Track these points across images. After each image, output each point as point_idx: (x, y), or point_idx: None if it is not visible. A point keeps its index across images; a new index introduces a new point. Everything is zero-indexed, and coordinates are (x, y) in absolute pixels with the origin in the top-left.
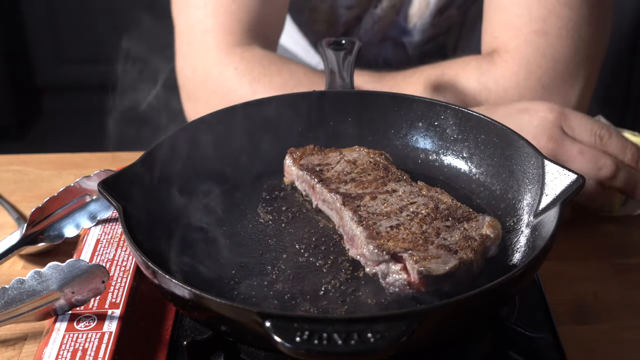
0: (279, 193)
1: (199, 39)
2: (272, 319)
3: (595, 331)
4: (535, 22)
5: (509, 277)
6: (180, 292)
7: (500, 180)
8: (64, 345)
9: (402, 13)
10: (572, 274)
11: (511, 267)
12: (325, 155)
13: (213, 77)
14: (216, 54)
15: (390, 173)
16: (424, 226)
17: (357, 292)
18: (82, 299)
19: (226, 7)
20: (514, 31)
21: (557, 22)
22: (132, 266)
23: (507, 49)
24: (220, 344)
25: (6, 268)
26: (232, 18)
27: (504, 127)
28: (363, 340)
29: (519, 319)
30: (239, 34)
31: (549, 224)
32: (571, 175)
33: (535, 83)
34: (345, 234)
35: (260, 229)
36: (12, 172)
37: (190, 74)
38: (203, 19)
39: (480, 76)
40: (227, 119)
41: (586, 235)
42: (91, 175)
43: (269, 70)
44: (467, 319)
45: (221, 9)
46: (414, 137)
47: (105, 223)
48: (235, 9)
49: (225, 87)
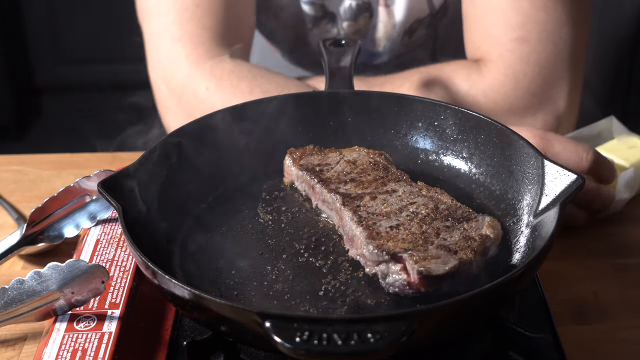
0: (279, 193)
1: (167, 49)
2: (272, 319)
3: (595, 331)
4: (513, 29)
5: (509, 277)
6: (180, 292)
7: (500, 180)
8: (63, 346)
9: (369, 37)
10: (572, 274)
11: (511, 267)
12: (325, 155)
13: (188, 94)
14: (187, 69)
15: (390, 173)
16: (424, 226)
17: (357, 292)
18: (82, 299)
19: (191, 13)
20: (494, 40)
21: (535, 27)
22: (132, 266)
23: (491, 59)
24: (220, 344)
25: (6, 268)
26: (198, 25)
27: (503, 127)
28: (363, 341)
29: (519, 319)
30: (208, 43)
31: (549, 224)
32: (571, 175)
33: (524, 92)
34: (345, 234)
35: (259, 229)
36: (12, 172)
37: (165, 89)
38: (169, 27)
39: (470, 88)
40: (227, 119)
41: (586, 235)
42: (91, 175)
43: (240, 89)
44: (467, 319)
45: (185, 15)
46: (414, 137)
47: (105, 223)
48: (200, 15)
49: (199, 109)
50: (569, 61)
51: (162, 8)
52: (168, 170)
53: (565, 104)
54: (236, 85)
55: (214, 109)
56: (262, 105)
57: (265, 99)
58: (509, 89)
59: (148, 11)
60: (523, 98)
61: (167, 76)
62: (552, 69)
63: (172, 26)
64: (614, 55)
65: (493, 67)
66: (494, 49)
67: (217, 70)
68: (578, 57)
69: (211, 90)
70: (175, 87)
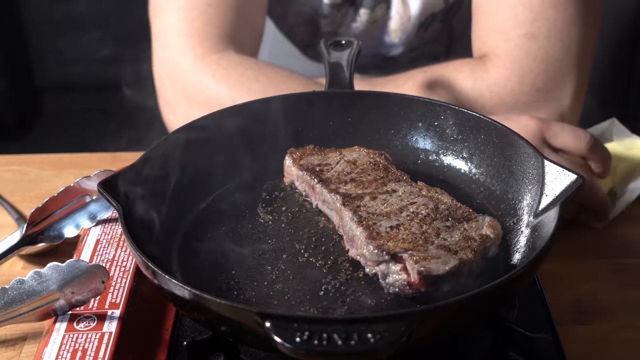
0: (279, 193)
1: (174, 44)
2: (272, 319)
3: (595, 331)
4: (523, 25)
5: (509, 277)
6: (180, 292)
7: (500, 181)
8: (64, 346)
9: (385, 29)
10: (572, 274)
11: (511, 267)
12: (325, 155)
13: (192, 83)
14: (192, 60)
15: (390, 173)
16: (424, 226)
17: (357, 292)
18: (82, 299)
19: (201, 11)
20: (503, 35)
21: (545, 25)
22: (132, 266)
23: (497, 54)
24: (220, 344)
25: (6, 268)
26: (207, 22)
27: (504, 127)
28: (363, 341)
29: (519, 319)
30: (215, 39)
31: (549, 224)
32: (571, 175)
33: (529, 87)
34: (345, 234)
35: (260, 229)
36: (12, 172)
37: (168, 82)
38: (177, 23)
39: (474, 84)
40: (227, 119)
41: (586, 235)
42: (91, 175)
43: (247, 76)
44: (467, 319)
45: (195, 13)
46: (414, 137)
47: (105, 223)
48: (210, 13)
49: (204, 94)
50: (576, 60)
51: (173, 4)
52: (168, 170)
53: (570, 102)
54: (243, 73)
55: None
56: (263, 105)
57: (265, 99)
58: (514, 84)
59: (159, 7)
60: (528, 93)
61: (172, 68)
62: (558, 66)
63: (181, 22)
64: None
65: (499, 61)
66: (501, 44)
67: (223, 60)
68: (585, 56)
69: (217, 77)
70: (179, 77)
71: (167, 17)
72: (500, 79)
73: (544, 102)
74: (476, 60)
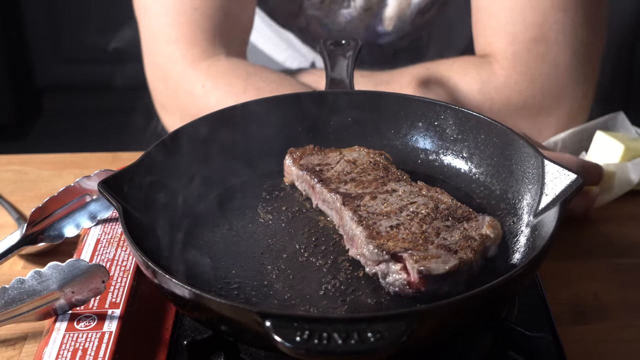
0: (279, 193)
1: (164, 50)
2: (272, 318)
3: (595, 331)
4: (531, 28)
5: (509, 277)
6: (180, 291)
7: (500, 180)
8: (64, 345)
9: (379, 17)
10: (572, 274)
11: (511, 267)
12: (325, 155)
13: (183, 92)
14: (182, 68)
15: (390, 173)
16: (424, 226)
17: (357, 292)
18: (82, 299)
19: (188, 16)
20: (510, 37)
21: (553, 28)
22: (132, 266)
23: (506, 56)
24: (220, 343)
25: (6, 268)
26: (195, 28)
27: (503, 127)
28: (363, 340)
29: (519, 319)
30: (204, 44)
31: (549, 224)
32: (571, 175)
33: (539, 91)
34: (345, 233)
35: (260, 229)
36: (12, 172)
37: (162, 87)
38: (166, 29)
39: (482, 86)
40: (227, 119)
41: (586, 235)
42: (91, 175)
43: (235, 88)
44: (467, 319)
45: (183, 18)
46: (414, 137)
47: (105, 223)
48: (197, 18)
49: (194, 106)
50: (584, 63)
51: (160, 8)
52: (168, 170)
53: (579, 104)
54: (231, 84)
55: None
56: (263, 105)
57: (265, 99)
58: (523, 87)
59: (145, 9)
60: (537, 97)
61: (164, 75)
62: (567, 69)
63: (169, 28)
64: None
65: (508, 64)
66: (509, 47)
67: (212, 69)
68: (593, 59)
69: (207, 88)
70: (172, 85)
71: (155, 22)
72: (509, 82)
73: (553, 105)
74: (481, 61)
